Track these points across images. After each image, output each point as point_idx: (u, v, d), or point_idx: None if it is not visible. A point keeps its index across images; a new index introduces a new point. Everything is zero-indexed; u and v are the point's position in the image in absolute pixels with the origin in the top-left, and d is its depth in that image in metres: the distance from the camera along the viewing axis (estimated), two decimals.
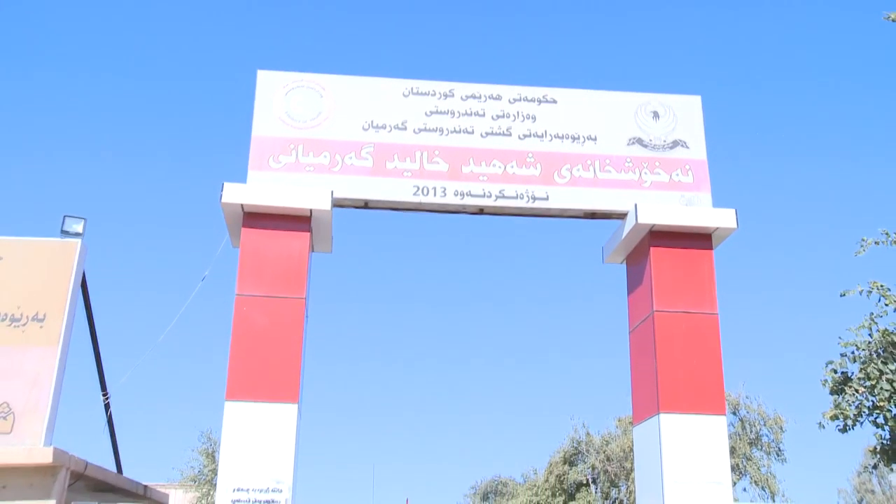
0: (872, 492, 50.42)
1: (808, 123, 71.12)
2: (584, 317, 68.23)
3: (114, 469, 11.23)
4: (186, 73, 71.41)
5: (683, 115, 10.62)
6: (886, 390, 8.62)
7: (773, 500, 25.42)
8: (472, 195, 10.04)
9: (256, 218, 9.73)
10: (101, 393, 11.09)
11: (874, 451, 9.67)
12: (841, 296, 9.35)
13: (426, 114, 10.33)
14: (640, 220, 9.90)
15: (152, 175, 70.08)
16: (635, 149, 10.38)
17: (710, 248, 10.11)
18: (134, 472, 12.07)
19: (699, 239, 10.08)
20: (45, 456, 8.43)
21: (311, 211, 9.71)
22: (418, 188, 9.99)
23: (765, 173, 69.50)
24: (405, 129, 10.24)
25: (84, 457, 9.20)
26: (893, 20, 7.60)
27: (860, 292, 9.30)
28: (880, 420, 8.98)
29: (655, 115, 10.54)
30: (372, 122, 10.22)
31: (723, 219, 10.00)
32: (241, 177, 9.80)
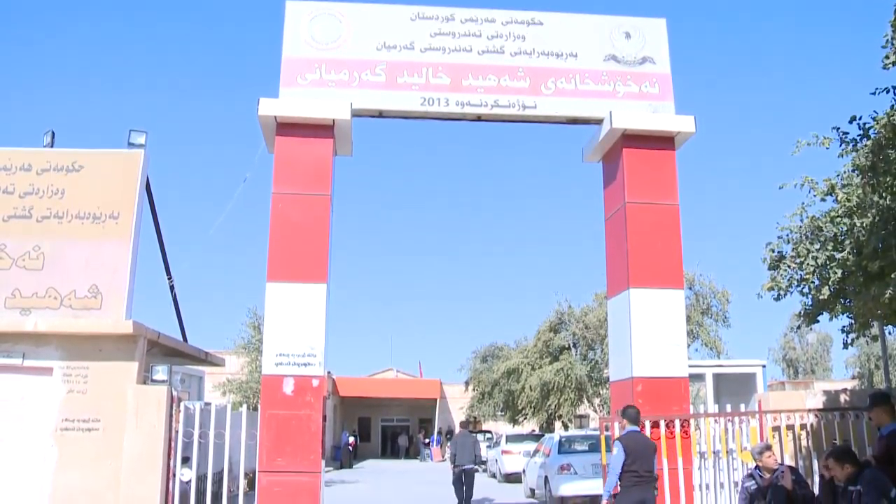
0: (794, 349, 52.27)
1: (758, 47, 69.60)
2: (567, 209, 68.59)
3: (180, 338, 11.63)
4: (228, 12, 69.77)
5: (651, 35, 10.49)
6: (811, 265, 8.87)
7: (719, 358, 26.23)
8: (471, 105, 10.03)
9: (288, 127, 9.76)
10: (167, 277, 11.37)
11: (799, 315, 10.03)
12: (779, 188, 9.45)
13: (430, 35, 10.23)
14: (614, 125, 9.92)
15: (201, 95, 69.58)
16: (610, 64, 10.31)
17: (673, 148, 10.14)
18: (196, 340, 12.55)
19: (664, 141, 10.09)
20: (126, 327, 8.90)
21: (333, 120, 9.74)
22: (425, 99, 9.99)
23: (722, 87, 68.44)
24: (413, 48, 10.16)
25: (157, 329, 9.64)
26: None
27: (795, 185, 9.39)
28: (805, 290, 9.22)
29: (627, 35, 10.43)
30: (384, 43, 10.15)
31: (684, 124, 10.04)
32: (274, 93, 9.85)
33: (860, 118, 8.09)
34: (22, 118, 61.54)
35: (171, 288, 11.45)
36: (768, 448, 7.42)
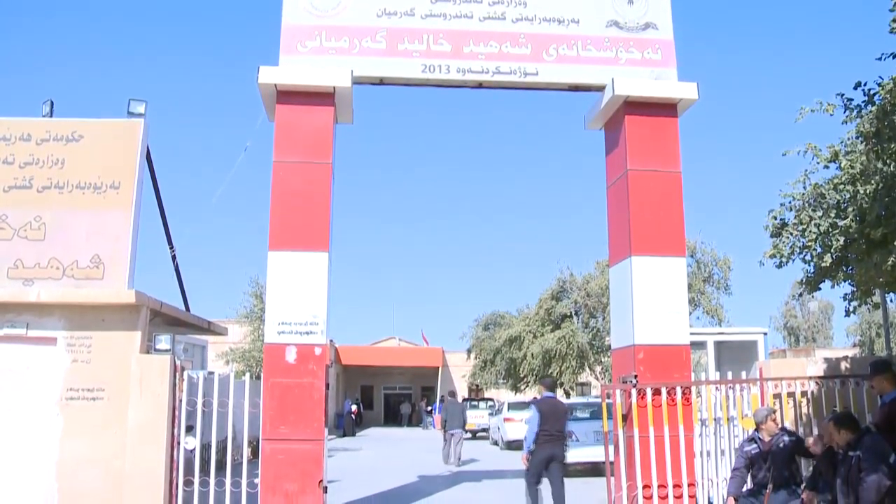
0: (795, 317, 52.54)
1: (762, 12, 68.75)
2: (569, 176, 68.39)
3: (183, 308, 11.63)
4: None
5: (654, 1, 10.30)
6: (814, 233, 8.86)
7: (720, 325, 26.33)
8: (472, 71, 9.93)
9: (288, 95, 9.70)
10: (169, 247, 11.35)
11: (800, 283, 10.02)
12: (782, 155, 9.41)
13: (431, 1, 10.08)
14: (616, 92, 9.84)
15: (201, 65, 69.18)
16: (612, 30, 10.18)
17: (676, 116, 10.07)
18: (199, 310, 12.58)
19: (666, 108, 10.02)
20: (129, 297, 8.90)
21: (334, 88, 9.67)
22: (426, 66, 9.90)
23: (726, 54, 67.75)
24: (413, 15, 10.03)
25: (159, 298, 9.63)
26: None
27: (798, 152, 9.31)
28: (808, 257, 9.20)
29: (630, 0, 10.27)
30: (385, 9, 10.02)
31: (686, 91, 9.96)
32: (274, 61, 9.77)
33: (865, 84, 8.00)
34: (19, 88, 61.17)
35: (173, 258, 11.46)
36: (773, 412, 7.47)
